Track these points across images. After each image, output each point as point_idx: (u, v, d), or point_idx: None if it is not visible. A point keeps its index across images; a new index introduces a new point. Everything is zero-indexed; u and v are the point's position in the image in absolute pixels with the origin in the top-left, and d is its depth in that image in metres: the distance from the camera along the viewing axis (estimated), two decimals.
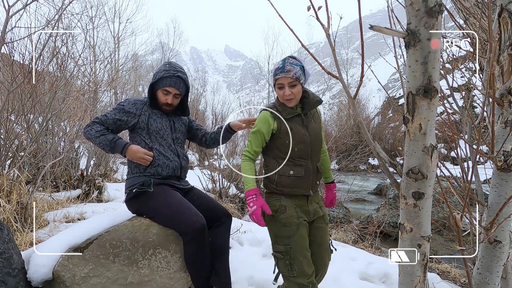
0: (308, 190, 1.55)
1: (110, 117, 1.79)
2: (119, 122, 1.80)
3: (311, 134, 1.55)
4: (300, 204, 1.54)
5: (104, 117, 1.79)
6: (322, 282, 2.19)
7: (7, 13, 2.82)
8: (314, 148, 1.56)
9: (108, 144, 1.72)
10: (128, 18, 12.06)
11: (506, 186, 1.12)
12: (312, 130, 1.57)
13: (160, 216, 1.69)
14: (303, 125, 1.55)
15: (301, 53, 6.91)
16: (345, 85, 1.01)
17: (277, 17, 1.03)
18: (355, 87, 8.31)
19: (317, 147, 1.59)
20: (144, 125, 1.81)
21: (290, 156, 1.52)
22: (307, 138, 1.54)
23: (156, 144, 1.81)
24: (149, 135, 1.82)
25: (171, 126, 1.91)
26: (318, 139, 1.58)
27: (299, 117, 1.56)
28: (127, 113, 1.80)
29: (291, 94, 1.48)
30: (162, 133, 1.84)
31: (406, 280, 0.97)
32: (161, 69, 1.83)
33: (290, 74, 1.46)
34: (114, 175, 6.66)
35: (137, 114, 1.81)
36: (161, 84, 1.81)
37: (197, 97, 16.47)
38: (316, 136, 1.57)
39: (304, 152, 1.53)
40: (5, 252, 1.42)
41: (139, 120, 1.81)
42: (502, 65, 1.10)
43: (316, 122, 1.61)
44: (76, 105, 4.65)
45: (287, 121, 1.52)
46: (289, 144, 1.51)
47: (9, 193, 2.76)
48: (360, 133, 12.76)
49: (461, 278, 2.75)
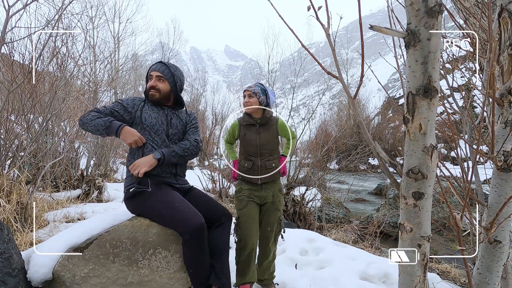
0: (257, 180, 2.07)
1: (108, 108, 1.81)
2: (115, 113, 1.82)
3: (261, 140, 2.09)
4: (254, 189, 2.09)
5: (101, 108, 1.81)
6: (322, 282, 2.20)
7: (7, 13, 2.82)
8: (263, 150, 2.09)
9: (103, 124, 1.70)
10: (128, 18, 12.05)
11: (506, 186, 1.12)
12: (263, 137, 2.09)
13: (159, 216, 1.69)
14: (257, 133, 2.10)
15: (301, 53, 6.90)
16: (345, 85, 1.01)
17: (277, 17, 1.03)
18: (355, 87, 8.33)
19: (266, 150, 2.09)
20: (139, 120, 1.84)
21: (245, 153, 2.11)
22: (256, 142, 2.08)
23: (149, 139, 1.82)
24: (143, 130, 1.82)
25: (167, 122, 1.90)
26: (267, 143, 2.10)
27: (255, 127, 2.11)
28: (124, 107, 1.83)
29: (248, 102, 2.08)
30: (157, 128, 1.85)
31: (406, 280, 0.97)
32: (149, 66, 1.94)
33: (251, 89, 2.10)
34: (114, 175, 6.67)
35: (133, 110, 1.84)
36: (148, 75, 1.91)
37: (197, 97, 16.46)
38: (265, 141, 2.09)
39: (253, 151, 2.09)
40: (5, 252, 1.41)
41: (134, 116, 1.84)
42: (502, 65, 1.10)
43: (270, 133, 2.12)
44: (76, 105, 4.65)
45: (245, 128, 2.13)
46: (244, 144, 2.12)
47: (9, 193, 2.76)
48: (360, 133, 12.76)
49: (461, 278, 2.75)
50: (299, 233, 3.20)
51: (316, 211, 4.60)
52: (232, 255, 1.92)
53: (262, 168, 2.08)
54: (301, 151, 6.40)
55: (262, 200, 2.09)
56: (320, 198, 4.75)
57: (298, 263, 2.56)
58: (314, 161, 5.47)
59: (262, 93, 2.11)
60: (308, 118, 5.85)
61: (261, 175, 2.08)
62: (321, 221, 4.43)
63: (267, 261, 2.10)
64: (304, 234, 3.16)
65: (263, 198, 2.09)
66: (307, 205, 4.56)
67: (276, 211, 2.11)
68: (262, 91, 2.12)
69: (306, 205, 4.54)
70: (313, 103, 8.03)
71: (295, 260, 2.60)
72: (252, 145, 2.09)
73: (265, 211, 2.10)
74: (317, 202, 4.69)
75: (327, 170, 6.16)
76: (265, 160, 2.09)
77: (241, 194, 2.09)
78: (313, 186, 4.96)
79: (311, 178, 5.07)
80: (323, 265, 2.53)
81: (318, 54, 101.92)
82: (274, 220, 2.10)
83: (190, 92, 16.13)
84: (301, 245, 2.88)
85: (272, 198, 2.10)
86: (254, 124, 2.12)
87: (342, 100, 19.03)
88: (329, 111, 18.02)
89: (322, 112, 13.68)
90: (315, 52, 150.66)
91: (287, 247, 2.82)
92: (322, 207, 4.65)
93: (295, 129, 5.81)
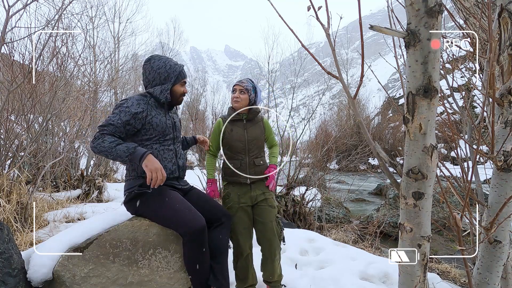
0: (246, 179, 1.96)
1: (117, 124, 1.60)
2: (128, 126, 1.65)
3: (249, 135, 1.99)
4: (244, 191, 1.98)
5: (111, 127, 1.60)
6: (322, 282, 2.20)
7: (7, 13, 2.82)
8: (251, 146, 1.98)
9: (126, 151, 1.55)
10: (128, 18, 12.03)
11: (506, 186, 1.12)
12: (251, 132, 2.00)
13: (160, 217, 1.68)
14: (244, 128, 2.00)
15: (301, 53, 6.90)
16: (345, 85, 1.01)
17: (277, 17, 1.03)
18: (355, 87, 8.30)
19: (254, 146, 2.00)
20: (149, 125, 1.72)
21: (232, 151, 1.98)
22: (245, 138, 1.98)
23: (156, 143, 1.75)
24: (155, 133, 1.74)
25: (173, 125, 1.85)
26: (256, 139, 2.00)
27: (241, 122, 2.01)
28: (134, 114, 1.66)
29: (238, 97, 1.97)
30: (166, 132, 1.78)
31: (406, 280, 0.97)
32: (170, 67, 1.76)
33: (243, 84, 1.99)
34: (114, 175, 6.67)
35: (144, 113, 1.69)
36: (179, 78, 1.79)
37: (197, 97, 16.46)
38: (254, 137, 2.00)
39: (241, 148, 1.97)
40: (5, 252, 1.41)
41: (145, 121, 1.70)
42: (502, 65, 1.10)
43: (258, 129, 2.04)
44: (76, 105, 4.65)
45: (231, 124, 2.00)
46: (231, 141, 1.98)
47: (9, 193, 2.76)
48: (360, 133, 12.76)
49: (461, 278, 2.75)
50: (299, 233, 3.20)
51: (316, 211, 4.60)
52: (231, 256, 1.92)
53: (250, 166, 1.97)
54: (301, 151, 6.40)
55: (253, 201, 1.98)
56: (320, 198, 4.75)
57: (298, 263, 2.56)
58: (314, 161, 5.47)
59: (253, 90, 2.01)
60: (308, 118, 5.85)
61: (250, 173, 1.96)
62: (321, 221, 4.43)
63: (273, 264, 1.99)
64: (304, 234, 3.16)
65: (254, 198, 1.98)
66: (307, 205, 4.56)
67: (271, 209, 1.99)
68: (253, 88, 2.02)
69: (306, 205, 4.54)
70: (313, 103, 8.03)
71: (295, 260, 2.60)
72: (240, 140, 1.97)
73: (259, 210, 1.99)
74: (317, 202, 4.69)
75: (327, 170, 6.16)
76: (253, 157, 1.99)
77: (229, 200, 1.98)
78: (313, 186, 4.96)
79: (311, 178, 5.07)
80: (323, 265, 2.54)
81: (318, 54, 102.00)
82: (271, 219, 1.98)
83: (190, 92, 16.13)
84: (301, 245, 2.88)
85: (263, 195, 1.99)
86: (240, 120, 2.01)
87: (342, 100, 19.03)
88: (329, 111, 18.03)
89: (322, 112, 13.69)
90: (315, 52, 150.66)
91: (287, 247, 2.82)
92: (322, 207, 4.65)
93: (295, 129, 5.80)
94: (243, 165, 1.97)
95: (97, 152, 1.57)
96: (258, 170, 2.00)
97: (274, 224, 1.99)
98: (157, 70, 1.76)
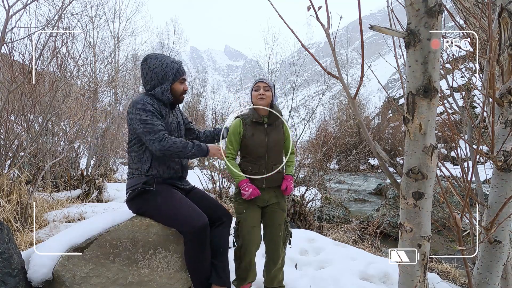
0: (262, 184, 1.93)
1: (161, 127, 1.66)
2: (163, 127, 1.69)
3: (270, 141, 1.92)
4: None
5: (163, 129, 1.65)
6: (322, 282, 2.20)
7: (7, 13, 2.82)
8: (271, 154, 1.92)
9: (199, 148, 1.70)
10: (128, 18, 12.03)
11: (506, 186, 1.12)
12: (272, 138, 1.93)
13: (162, 215, 1.68)
14: (265, 133, 1.92)
15: (301, 53, 6.91)
16: (345, 85, 1.01)
17: (277, 17, 1.03)
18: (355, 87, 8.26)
19: (275, 153, 1.94)
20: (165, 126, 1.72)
21: (252, 155, 1.92)
22: (265, 143, 1.91)
23: None
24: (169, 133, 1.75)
25: (178, 124, 1.87)
26: (276, 145, 1.94)
27: (263, 126, 1.93)
28: (159, 114, 1.70)
29: (263, 95, 1.89)
30: (172, 132, 1.79)
31: (406, 280, 0.97)
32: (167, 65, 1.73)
33: (267, 81, 1.92)
34: (114, 175, 6.66)
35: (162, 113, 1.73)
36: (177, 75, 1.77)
37: (197, 97, 16.45)
38: (275, 143, 1.93)
39: (262, 153, 1.91)
40: (5, 252, 1.41)
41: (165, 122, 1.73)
42: (502, 65, 1.10)
43: (278, 133, 1.97)
44: (76, 105, 4.65)
45: (252, 127, 1.92)
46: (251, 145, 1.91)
47: (9, 193, 2.75)
48: (360, 133, 12.75)
49: (461, 278, 2.75)
50: (299, 233, 3.20)
51: (316, 211, 4.59)
52: (231, 255, 1.92)
53: (268, 172, 1.92)
54: (301, 151, 6.39)
55: (265, 203, 1.96)
56: (320, 198, 4.75)
57: (298, 263, 2.56)
58: (314, 161, 5.46)
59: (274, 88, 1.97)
60: (308, 118, 5.84)
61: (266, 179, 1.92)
62: (321, 221, 4.43)
63: (276, 269, 1.95)
64: (304, 234, 3.16)
65: (266, 200, 1.95)
66: (307, 205, 4.56)
67: (282, 212, 1.97)
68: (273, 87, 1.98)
69: (306, 205, 4.54)
70: (313, 103, 8.03)
71: (295, 260, 2.60)
72: (262, 146, 1.90)
73: (270, 213, 1.96)
74: (317, 202, 4.69)
75: (327, 170, 6.16)
76: (272, 163, 1.94)
77: (240, 198, 1.93)
78: (313, 186, 4.96)
79: (311, 178, 5.07)
80: (323, 265, 2.53)
81: (318, 54, 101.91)
82: (280, 222, 1.95)
83: (190, 92, 16.12)
84: (301, 245, 2.88)
85: (276, 198, 1.97)
86: (261, 123, 1.93)
87: (342, 100, 19.02)
88: (329, 111, 18.01)
89: (322, 112, 13.68)
90: (315, 52, 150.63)
91: (287, 247, 2.82)
92: (322, 207, 4.65)
93: (295, 129, 5.80)
94: (261, 170, 1.92)
95: (168, 152, 1.63)
96: (276, 178, 1.96)
97: (282, 228, 1.97)
98: (154, 69, 1.73)
